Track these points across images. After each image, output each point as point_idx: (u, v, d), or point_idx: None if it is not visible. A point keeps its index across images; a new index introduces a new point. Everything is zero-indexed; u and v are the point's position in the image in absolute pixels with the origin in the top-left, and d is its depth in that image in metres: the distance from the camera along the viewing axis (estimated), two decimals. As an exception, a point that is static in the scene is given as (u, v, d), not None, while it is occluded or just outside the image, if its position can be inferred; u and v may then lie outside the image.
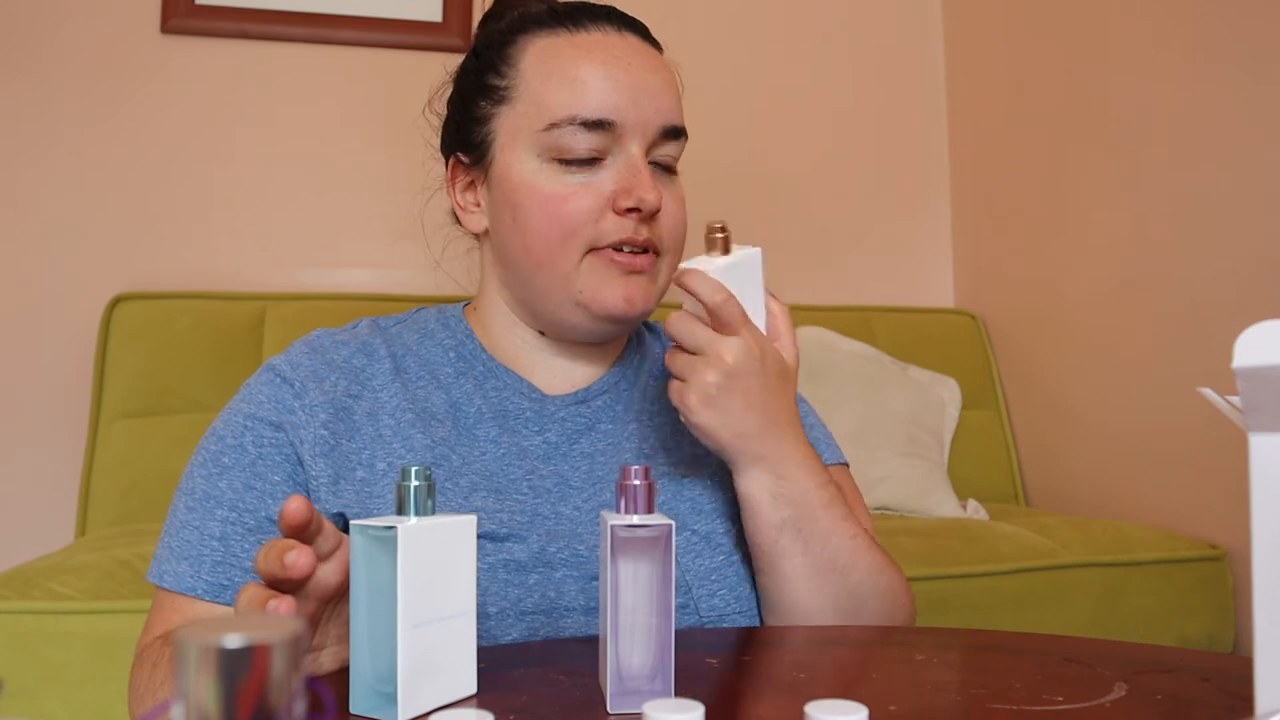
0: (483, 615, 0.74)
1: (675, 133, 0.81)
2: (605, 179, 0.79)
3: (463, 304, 0.91)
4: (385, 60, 2.08)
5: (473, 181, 0.85)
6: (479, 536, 0.75)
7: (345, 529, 0.74)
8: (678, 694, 0.55)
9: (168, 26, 1.98)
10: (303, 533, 0.57)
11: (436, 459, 0.78)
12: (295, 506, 0.55)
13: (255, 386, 0.80)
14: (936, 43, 2.44)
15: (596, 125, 0.77)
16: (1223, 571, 1.60)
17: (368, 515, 0.74)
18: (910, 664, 0.63)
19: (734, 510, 0.82)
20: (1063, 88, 2.02)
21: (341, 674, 0.58)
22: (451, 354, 0.85)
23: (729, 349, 0.73)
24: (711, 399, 0.74)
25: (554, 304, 0.81)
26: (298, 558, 0.54)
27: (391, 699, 0.53)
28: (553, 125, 0.78)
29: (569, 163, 0.78)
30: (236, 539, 0.74)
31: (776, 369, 0.76)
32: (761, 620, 0.80)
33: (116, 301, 1.80)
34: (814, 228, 2.32)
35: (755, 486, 0.76)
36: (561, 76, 0.79)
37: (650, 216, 0.79)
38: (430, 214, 0.97)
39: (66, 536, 1.76)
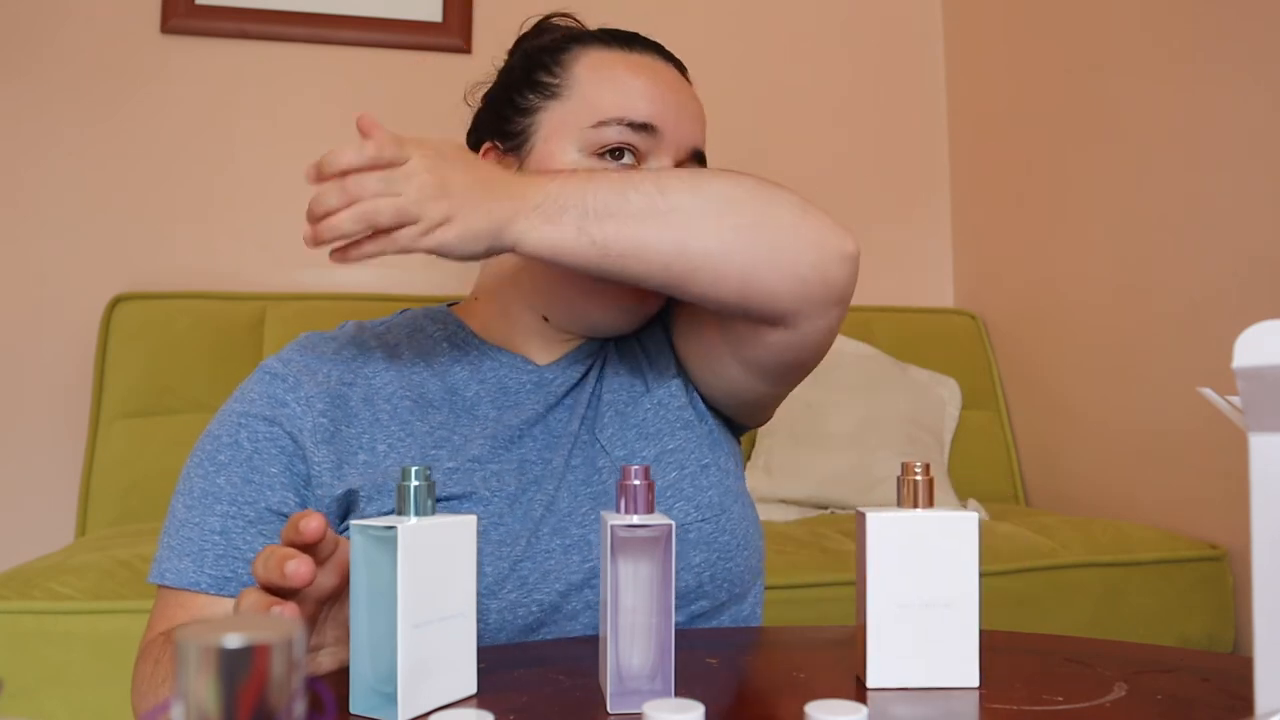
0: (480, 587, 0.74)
1: (699, 156, 0.87)
2: None
3: (446, 304, 0.92)
4: (385, 60, 2.08)
5: (503, 166, 0.86)
6: (491, 495, 0.77)
7: (359, 503, 0.76)
8: (678, 694, 0.55)
9: (168, 26, 1.98)
10: (311, 547, 0.57)
11: (437, 442, 0.79)
12: (315, 525, 0.56)
13: (248, 386, 0.81)
14: (936, 43, 2.44)
15: (642, 128, 0.82)
16: (1223, 571, 1.60)
17: (376, 491, 0.76)
18: (910, 664, 0.63)
19: (680, 429, 0.85)
20: (1063, 88, 2.02)
21: (341, 674, 0.58)
22: (444, 343, 0.86)
23: (406, 148, 0.68)
24: (434, 188, 0.68)
25: (579, 291, 0.83)
26: (298, 567, 0.55)
27: (391, 699, 0.53)
28: (601, 123, 0.82)
29: (606, 159, 0.82)
30: (238, 531, 0.75)
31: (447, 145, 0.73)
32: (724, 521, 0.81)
33: (116, 301, 1.80)
34: (814, 228, 2.32)
35: (536, 234, 0.70)
36: (615, 83, 0.84)
37: None
38: None
39: (66, 536, 1.76)
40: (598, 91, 0.83)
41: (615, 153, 0.82)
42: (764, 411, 0.93)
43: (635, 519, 0.55)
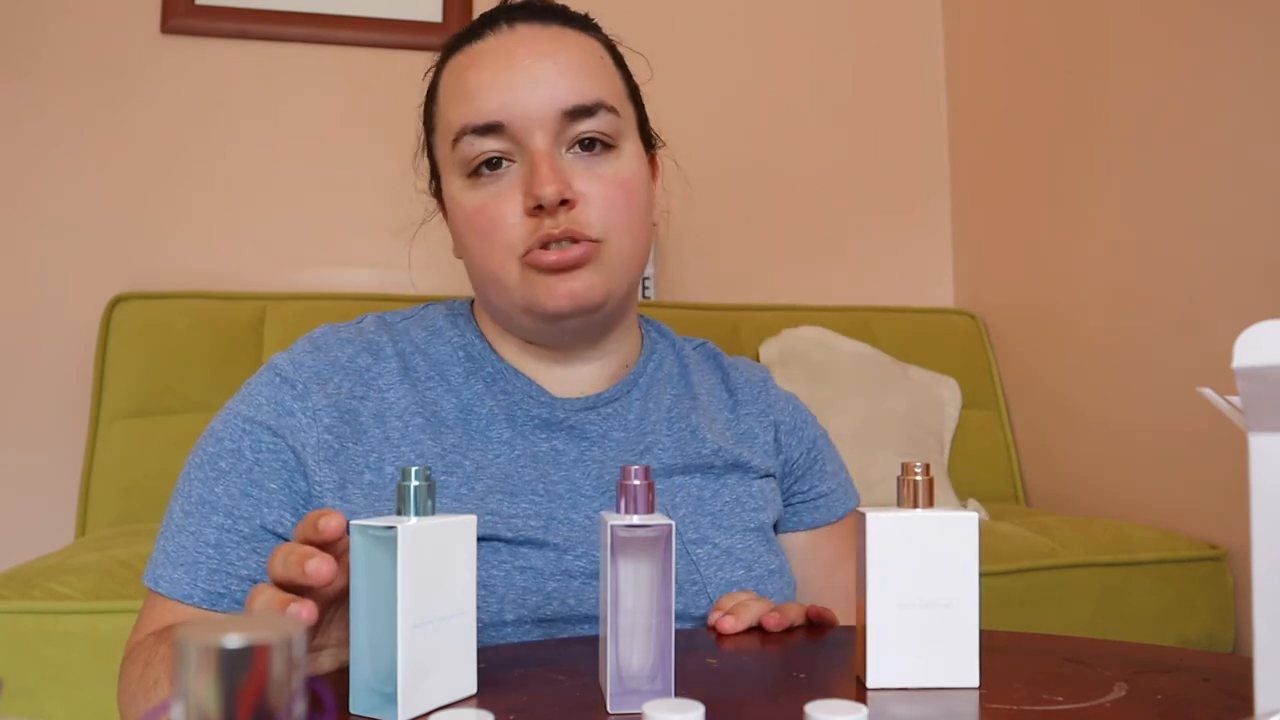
0: (500, 623, 0.73)
1: (583, 111, 0.76)
2: (514, 183, 0.77)
3: (471, 300, 0.90)
4: (385, 60, 2.08)
5: (443, 213, 0.87)
6: (495, 540, 0.75)
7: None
8: (678, 694, 0.55)
9: (168, 26, 1.98)
10: (328, 546, 0.57)
11: (449, 466, 0.77)
12: (335, 525, 0.56)
13: (256, 386, 0.79)
14: (936, 43, 2.44)
15: (487, 130, 0.76)
16: (1223, 571, 1.60)
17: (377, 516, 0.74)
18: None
19: (755, 525, 0.83)
20: (1063, 88, 2.02)
21: (341, 674, 0.58)
22: (460, 354, 0.84)
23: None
24: None
25: (514, 317, 0.80)
26: (319, 566, 0.54)
27: (391, 699, 0.53)
28: (455, 141, 0.77)
29: (480, 175, 0.77)
30: (231, 547, 0.74)
31: None
32: None
33: (116, 301, 1.80)
34: (814, 228, 2.32)
35: None
36: (455, 92, 0.79)
37: (568, 206, 0.75)
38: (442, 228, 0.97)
39: (66, 536, 1.76)
40: (446, 110, 0.79)
41: (489, 163, 0.76)
42: None
43: (635, 519, 0.55)
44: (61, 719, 1.18)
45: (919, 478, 0.60)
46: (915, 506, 0.60)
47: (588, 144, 0.78)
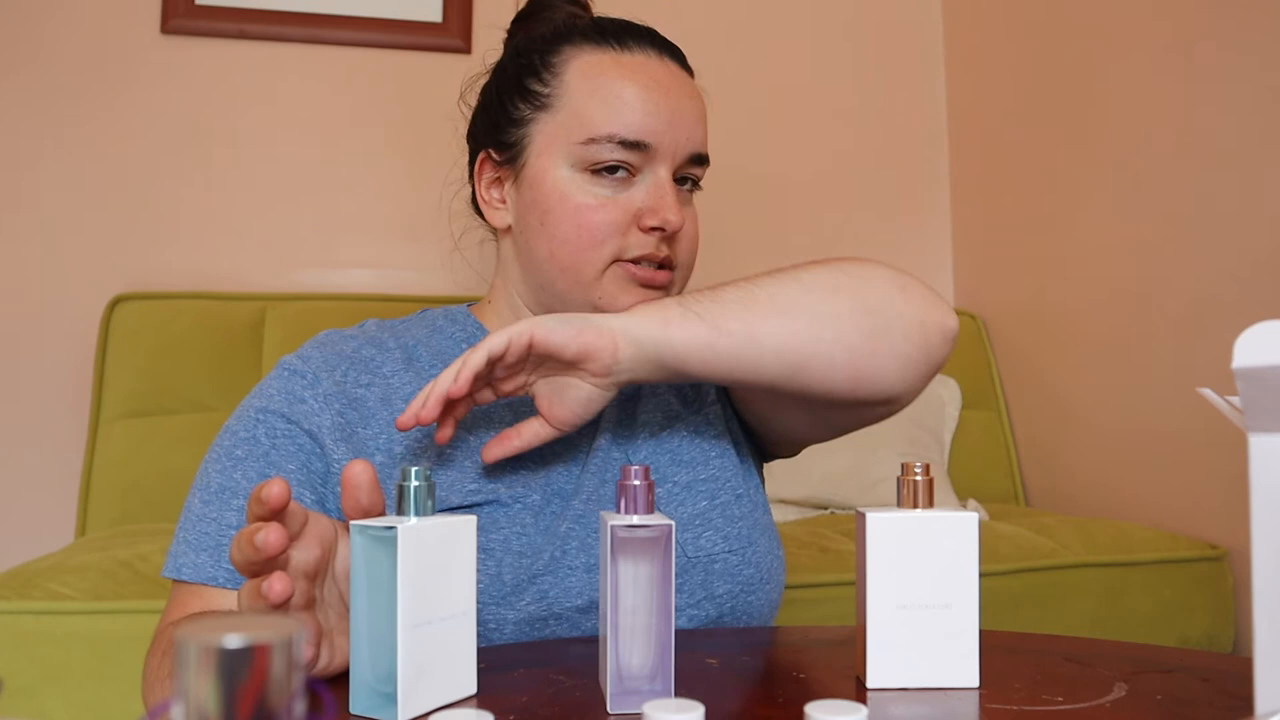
0: (499, 584, 0.74)
1: (701, 159, 0.85)
2: (634, 196, 0.81)
3: (466, 305, 0.92)
4: (385, 60, 2.08)
5: (499, 178, 0.87)
6: (502, 503, 0.78)
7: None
8: (678, 694, 0.55)
9: (168, 26, 1.98)
10: (280, 515, 0.56)
11: (455, 442, 0.80)
12: (277, 491, 0.55)
13: (267, 383, 0.82)
14: (936, 43, 2.44)
15: (634, 145, 0.80)
16: (1223, 571, 1.60)
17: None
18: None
19: (715, 458, 0.85)
20: (1063, 88, 2.02)
21: (341, 674, 0.58)
22: (463, 345, 0.87)
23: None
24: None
25: (573, 307, 0.82)
26: (266, 535, 0.53)
27: (391, 699, 0.53)
28: (591, 140, 0.80)
29: (601, 175, 0.81)
30: None
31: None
32: (753, 558, 0.82)
33: (116, 301, 1.80)
34: (814, 228, 2.32)
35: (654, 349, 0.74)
36: (605, 94, 0.81)
37: (671, 236, 0.82)
38: (457, 204, 0.98)
39: (66, 536, 1.76)
40: (587, 105, 0.81)
41: (610, 169, 0.81)
42: (801, 447, 0.94)
43: (635, 519, 0.55)
44: (61, 719, 1.18)
45: (919, 478, 0.60)
46: (915, 507, 0.60)
47: (681, 181, 0.85)
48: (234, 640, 0.29)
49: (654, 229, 0.81)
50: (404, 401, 0.80)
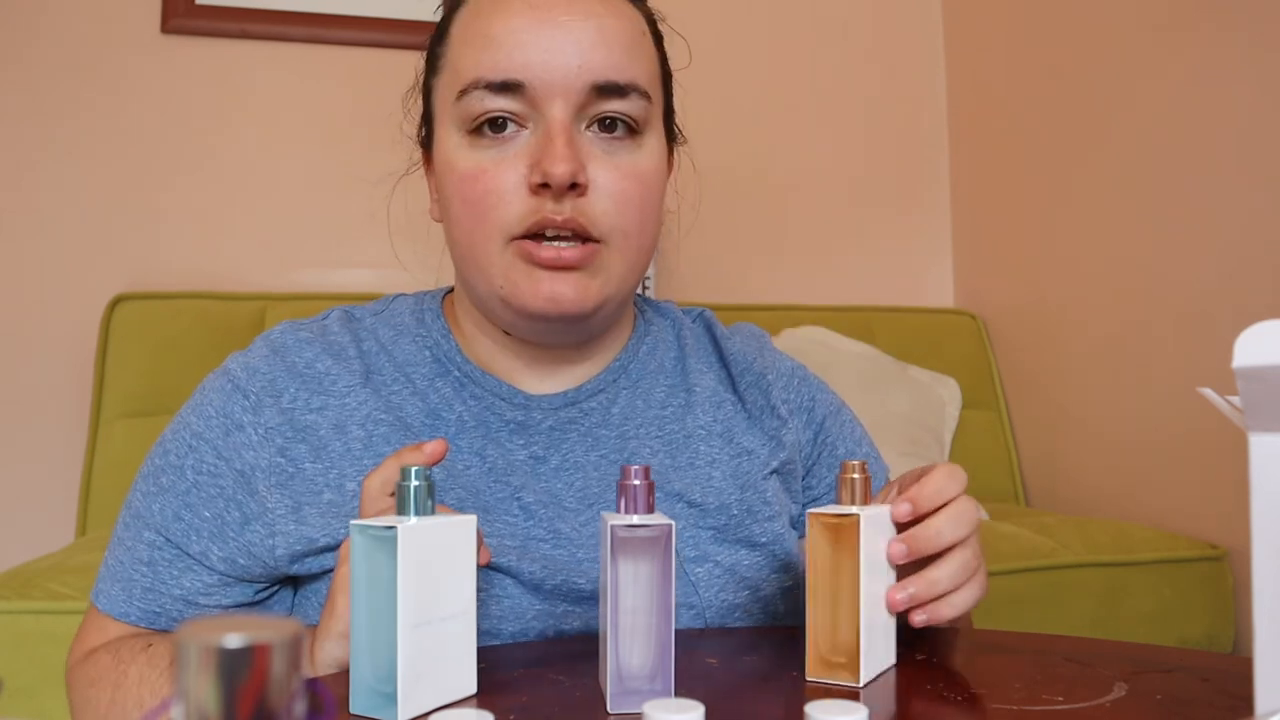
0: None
1: (616, 89, 0.68)
2: (521, 152, 0.67)
3: (444, 292, 0.82)
4: (386, 60, 2.07)
5: (428, 165, 0.78)
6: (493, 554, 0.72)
7: (314, 553, 0.70)
8: (678, 694, 0.55)
9: (168, 26, 1.98)
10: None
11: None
12: (439, 448, 0.61)
13: (209, 394, 0.74)
14: (936, 43, 2.44)
15: (503, 88, 0.66)
16: (1223, 571, 1.60)
17: (335, 542, 0.69)
18: (910, 664, 0.63)
19: (760, 540, 0.76)
20: (1063, 88, 2.02)
21: (341, 674, 0.58)
22: (427, 354, 0.77)
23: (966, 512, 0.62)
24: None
25: (487, 300, 0.72)
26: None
27: (391, 699, 0.53)
28: (463, 92, 0.68)
29: (482, 134, 0.68)
30: (164, 565, 0.71)
31: None
32: None
33: (116, 301, 1.80)
34: (814, 228, 2.32)
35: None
36: (474, 37, 0.68)
37: (567, 192, 0.66)
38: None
39: (66, 536, 1.76)
40: (461, 53, 0.69)
41: (492, 124, 0.67)
42: None
43: (635, 519, 0.55)
44: (61, 719, 1.18)
45: (856, 476, 0.60)
46: (852, 504, 0.60)
47: (608, 124, 0.69)
48: (234, 640, 0.29)
49: (541, 187, 0.66)
50: (360, 426, 0.72)
